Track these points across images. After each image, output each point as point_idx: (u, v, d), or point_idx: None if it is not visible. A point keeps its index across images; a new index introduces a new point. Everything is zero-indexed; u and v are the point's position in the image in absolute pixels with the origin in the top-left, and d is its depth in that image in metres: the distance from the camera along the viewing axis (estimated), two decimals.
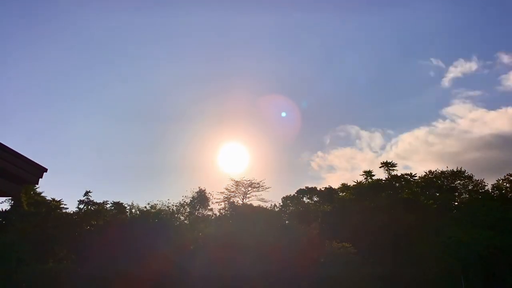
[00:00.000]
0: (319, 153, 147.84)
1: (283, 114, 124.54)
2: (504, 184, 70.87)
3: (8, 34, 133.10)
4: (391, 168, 68.33)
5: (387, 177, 67.46)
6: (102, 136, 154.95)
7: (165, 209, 56.12)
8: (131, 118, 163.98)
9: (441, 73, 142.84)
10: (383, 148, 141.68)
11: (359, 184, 66.20)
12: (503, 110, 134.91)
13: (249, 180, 75.34)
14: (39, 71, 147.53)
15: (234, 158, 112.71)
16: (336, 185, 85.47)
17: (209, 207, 72.42)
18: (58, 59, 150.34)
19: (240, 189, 75.70)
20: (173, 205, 64.20)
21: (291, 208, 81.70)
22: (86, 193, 67.37)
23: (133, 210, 53.67)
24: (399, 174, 68.00)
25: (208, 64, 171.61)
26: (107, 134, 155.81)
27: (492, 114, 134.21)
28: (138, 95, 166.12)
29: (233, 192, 75.73)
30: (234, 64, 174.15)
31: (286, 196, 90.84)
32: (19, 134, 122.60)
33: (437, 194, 70.66)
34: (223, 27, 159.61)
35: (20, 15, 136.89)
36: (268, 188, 76.25)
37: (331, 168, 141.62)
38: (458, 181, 74.28)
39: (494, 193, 69.75)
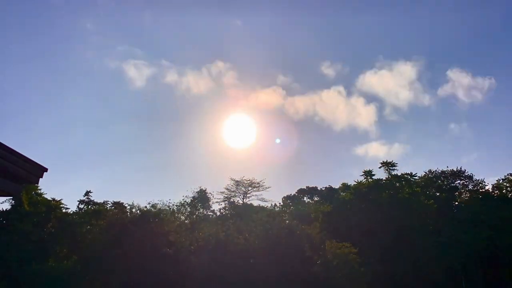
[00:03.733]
0: None
1: (277, 141, 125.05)
2: (504, 184, 70.84)
3: (8, 34, 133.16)
4: (391, 168, 68.31)
5: (387, 176, 67.41)
6: (103, 135, 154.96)
7: (165, 209, 56.11)
8: (132, 117, 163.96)
9: None
10: None
11: (359, 184, 66.14)
12: None
13: (249, 180, 75.40)
14: (40, 71, 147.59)
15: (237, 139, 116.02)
16: None
17: (210, 208, 72.55)
18: (58, 58, 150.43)
19: (241, 188, 75.78)
20: (173, 205, 64.19)
21: (291, 207, 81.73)
22: (87, 193, 67.41)
23: (134, 210, 53.64)
24: (399, 174, 67.97)
25: (210, 63, 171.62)
26: (108, 133, 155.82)
27: None
28: (139, 95, 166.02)
29: (233, 192, 75.82)
30: (235, 63, 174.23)
31: (287, 196, 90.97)
32: (19, 133, 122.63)
33: (437, 194, 70.61)
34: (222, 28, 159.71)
35: (19, 15, 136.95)
36: (268, 187, 76.33)
37: None
38: (458, 181, 74.27)
39: (494, 193, 69.69)
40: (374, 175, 67.53)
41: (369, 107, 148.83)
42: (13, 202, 50.81)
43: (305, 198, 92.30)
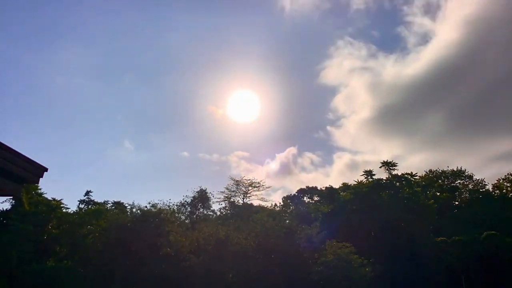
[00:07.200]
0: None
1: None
2: (505, 183, 70.90)
3: (8, 34, 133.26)
4: (391, 168, 68.28)
5: (387, 176, 67.38)
6: (103, 135, 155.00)
7: (166, 209, 56.13)
8: (132, 117, 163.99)
9: None
10: None
11: (359, 183, 66.13)
12: None
13: (249, 180, 75.48)
14: (39, 70, 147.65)
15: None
16: None
17: (210, 208, 72.60)
18: (58, 56, 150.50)
19: (241, 188, 75.83)
20: (174, 205, 64.21)
21: (291, 207, 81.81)
22: (87, 193, 67.57)
23: (134, 210, 53.67)
24: (399, 174, 67.96)
25: (210, 63, 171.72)
26: (108, 133, 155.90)
27: None
28: (139, 94, 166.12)
29: (233, 191, 75.89)
30: (233, 64, 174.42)
31: (287, 196, 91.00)
32: (19, 133, 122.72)
33: (438, 194, 70.63)
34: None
35: (19, 15, 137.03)
36: (269, 187, 76.48)
37: None
38: (459, 181, 74.33)
39: (495, 193, 69.77)
40: (374, 175, 67.55)
41: None
42: (13, 202, 50.80)
43: (305, 198, 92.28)
